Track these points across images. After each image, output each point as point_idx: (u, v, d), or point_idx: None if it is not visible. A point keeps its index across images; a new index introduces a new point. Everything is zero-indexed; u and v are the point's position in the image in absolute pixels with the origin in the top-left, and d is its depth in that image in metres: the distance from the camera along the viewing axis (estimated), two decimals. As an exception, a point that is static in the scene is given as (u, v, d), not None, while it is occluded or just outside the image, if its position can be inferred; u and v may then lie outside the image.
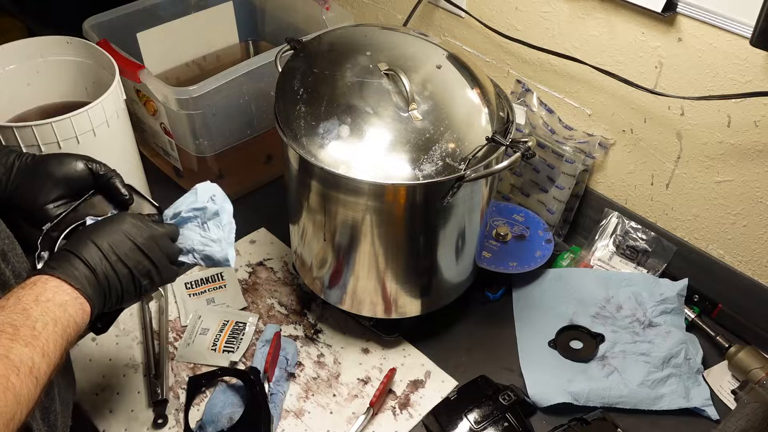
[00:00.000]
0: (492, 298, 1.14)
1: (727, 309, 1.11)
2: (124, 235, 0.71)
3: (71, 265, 0.67)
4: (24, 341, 0.58)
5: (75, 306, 0.65)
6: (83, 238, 0.70)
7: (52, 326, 0.61)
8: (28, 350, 0.58)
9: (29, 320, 0.60)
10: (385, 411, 0.99)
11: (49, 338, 0.60)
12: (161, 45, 1.35)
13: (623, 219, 1.19)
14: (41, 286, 0.64)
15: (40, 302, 0.62)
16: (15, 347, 0.57)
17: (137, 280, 0.72)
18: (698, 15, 0.94)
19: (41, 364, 0.58)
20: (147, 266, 0.73)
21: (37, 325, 0.60)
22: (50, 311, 0.62)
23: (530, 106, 1.21)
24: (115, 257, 0.70)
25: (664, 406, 0.99)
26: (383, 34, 1.01)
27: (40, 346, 0.59)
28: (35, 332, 0.59)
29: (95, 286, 0.68)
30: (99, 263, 0.69)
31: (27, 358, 0.57)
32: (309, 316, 1.12)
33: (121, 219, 0.73)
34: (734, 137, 0.99)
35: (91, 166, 0.80)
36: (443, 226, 0.94)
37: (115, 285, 0.70)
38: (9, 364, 0.55)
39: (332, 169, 0.85)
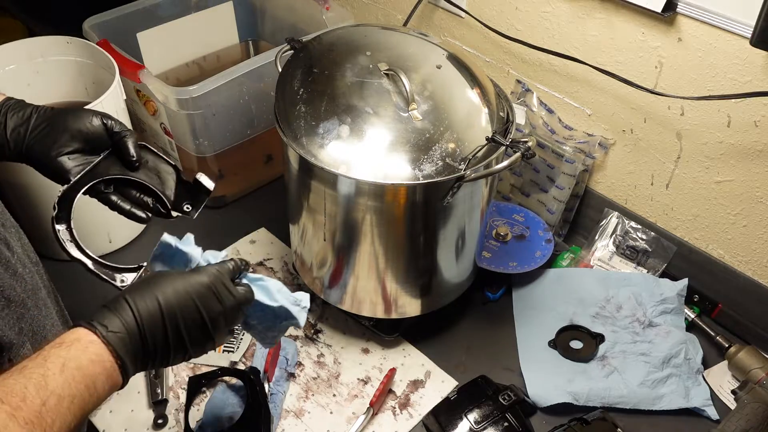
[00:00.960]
0: (492, 298, 1.14)
1: (727, 309, 1.11)
2: (195, 304, 0.64)
3: (122, 322, 0.61)
4: (24, 419, 0.52)
5: (106, 382, 0.59)
6: (148, 291, 0.63)
7: (68, 403, 0.55)
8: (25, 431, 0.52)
9: (43, 392, 0.54)
10: (385, 411, 0.99)
11: (57, 418, 0.54)
12: (161, 45, 1.35)
13: (623, 219, 1.19)
14: (78, 350, 0.58)
15: (66, 371, 0.56)
16: (10, 427, 0.51)
17: (188, 354, 0.66)
18: (698, 15, 0.94)
19: None
20: (204, 343, 0.66)
21: (50, 400, 0.54)
22: (73, 385, 0.56)
23: (530, 106, 1.21)
24: (174, 328, 0.63)
25: (664, 406, 0.99)
26: (383, 34, 1.01)
27: (43, 428, 0.53)
28: (43, 409, 0.53)
29: (139, 354, 0.61)
30: (153, 330, 0.61)
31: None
32: (309, 316, 1.12)
33: (198, 281, 0.65)
34: (734, 137, 0.99)
35: (106, 122, 0.78)
36: (443, 226, 0.94)
37: (162, 356, 0.63)
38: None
39: (332, 169, 0.85)
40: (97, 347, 0.59)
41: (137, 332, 0.61)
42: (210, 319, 0.65)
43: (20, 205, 1.12)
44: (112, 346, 0.59)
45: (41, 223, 1.12)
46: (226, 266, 0.69)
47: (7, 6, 1.69)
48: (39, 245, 1.16)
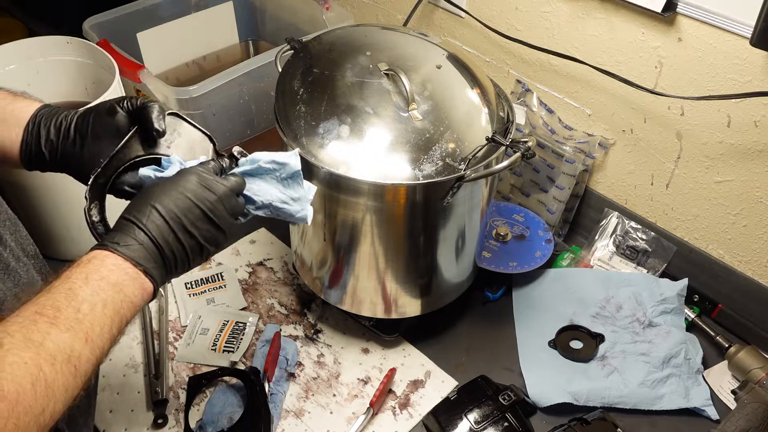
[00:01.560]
0: (492, 298, 1.14)
1: (727, 309, 1.11)
2: (191, 200, 0.65)
3: (133, 238, 0.62)
4: (65, 326, 0.54)
5: (134, 286, 0.61)
6: (145, 205, 0.64)
7: (101, 308, 0.57)
8: (68, 336, 0.54)
9: (75, 301, 0.56)
10: (385, 411, 0.99)
11: (95, 322, 0.56)
12: (161, 45, 1.35)
13: (623, 219, 1.19)
14: (97, 264, 0.60)
15: (91, 281, 0.58)
16: (53, 333, 0.53)
17: (205, 250, 0.67)
18: (698, 15, 0.94)
19: (83, 351, 0.55)
20: (215, 234, 0.68)
21: (83, 306, 0.56)
22: (101, 291, 0.58)
23: (530, 106, 1.22)
24: (181, 228, 0.65)
25: (664, 406, 0.99)
26: (383, 34, 1.01)
27: (84, 330, 0.55)
28: (79, 315, 0.55)
29: (159, 261, 0.63)
30: (165, 236, 0.63)
31: (65, 345, 0.53)
32: (309, 316, 1.12)
33: (186, 180, 0.67)
34: (734, 137, 0.99)
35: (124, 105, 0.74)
36: (443, 226, 0.94)
37: (182, 258, 0.65)
38: (43, 353, 0.52)
39: (332, 169, 0.85)
40: (114, 259, 0.60)
41: (150, 242, 0.63)
42: (209, 209, 0.66)
43: (20, 204, 1.12)
44: (129, 256, 0.61)
45: (41, 222, 1.12)
46: (207, 165, 0.70)
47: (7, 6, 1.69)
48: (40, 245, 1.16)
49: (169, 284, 1.15)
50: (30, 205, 1.10)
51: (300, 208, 0.76)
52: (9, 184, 1.10)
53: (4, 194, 1.12)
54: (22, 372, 0.50)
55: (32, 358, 0.51)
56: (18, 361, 0.50)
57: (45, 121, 0.74)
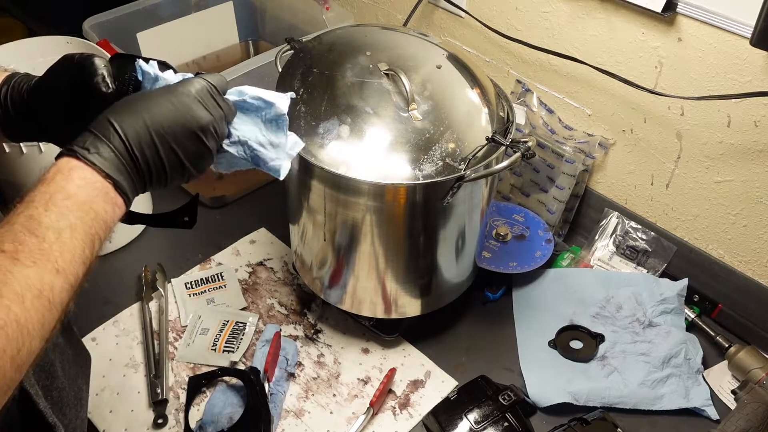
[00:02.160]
0: (492, 298, 1.14)
1: (727, 309, 1.11)
2: (184, 116, 0.60)
3: (108, 144, 0.56)
4: (29, 259, 0.50)
5: (104, 202, 0.56)
6: (131, 109, 0.59)
7: (69, 233, 0.53)
8: (34, 270, 0.50)
9: (39, 230, 0.51)
10: (385, 411, 0.99)
11: (64, 249, 0.52)
12: (161, 45, 1.35)
13: (623, 219, 1.19)
14: (61, 180, 0.54)
15: (55, 203, 0.53)
16: (16, 270, 0.49)
17: (187, 170, 0.62)
18: (698, 15, 0.94)
19: (55, 282, 0.51)
20: (201, 155, 0.63)
21: (48, 234, 0.51)
22: (69, 213, 0.53)
23: (530, 106, 1.21)
24: (165, 143, 0.59)
25: (664, 406, 0.99)
26: (383, 34, 1.01)
27: (52, 261, 0.51)
28: (44, 245, 0.51)
29: (134, 175, 0.58)
30: (143, 147, 0.58)
31: (33, 280, 0.50)
32: (309, 316, 1.12)
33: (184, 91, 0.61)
34: (734, 137, 0.99)
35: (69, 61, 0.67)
36: (443, 226, 0.94)
37: (159, 174, 0.60)
38: (9, 293, 0.48)
39: (332, 169, 0.85)
40: (81, 172, 0.55)
41: (125, 150, 0.57)
42: (200, 129, 0.61)
43: (20, 205, 1.12)
44: (98, 167, 0.56)
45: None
46: (216, 77, 0.65)
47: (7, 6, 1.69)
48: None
49: (169, 284, 1.15)
50: (30, 205, 1.10)
51: (276, 156, 0.70)
52: (9, 184, 1.10)
53: (3, 194, 1.13)
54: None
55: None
56: None
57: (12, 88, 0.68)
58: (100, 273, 1.16)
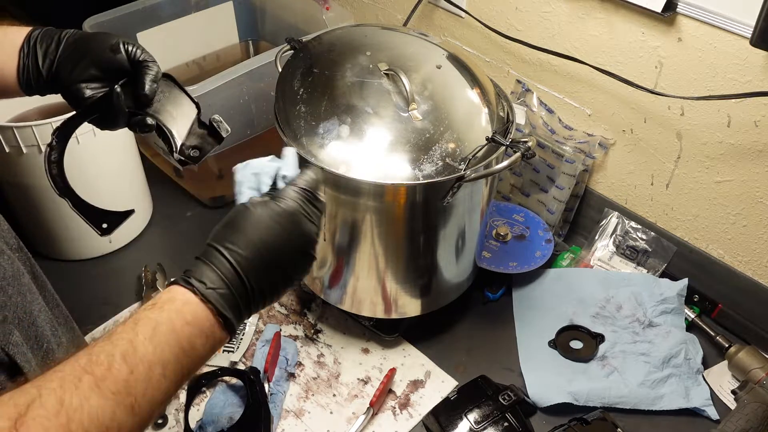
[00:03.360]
0: (492, 298, 1.14)
1: (727, 309, 1.11)
2: (294, 235, 0.60)
3: (222, 278, 0.56)
4: (111, 389, 0.48)
5: (206, 341, 0.54)
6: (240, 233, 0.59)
7: (160, 370, 0.51)
8: (110, 403, 0.47)
9: (132, 358, 0.49)
10: (385, 411, 0.99)
11: (149, 386, 0.50)
12: (161, 45, 1.34)
13: (623, 219, 1.19)
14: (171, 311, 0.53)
15: (158, 335, 0.51)
16: (93, 399, 0.47)
17: (294, 281, 0.64)
18: (698, 15, 0.94)
19: (125, 421, 0.48)
20: (307, 263, 0.63)
21: (138, 368, 0.49)
22: (167, 349, 0.51)
23: (530, 106, 1.21)
24: (277, 265, 0.59)
25: (664, 406, 0.99)
26: (383, 34, 1.01)
27: (133, 396, 0.49)
28: (131, 378, 0.49)
29: (245, 305, 0.58)
30: (258, 275, 0.58)
31: (105, 415, 0.47)
32: (309, 316, 1.12)
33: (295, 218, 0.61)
34: (734, 137, 0.99)
35: (128, 48, 0.72)
36: (443, 226, 0.94)
37: (272, 293, 0.61)
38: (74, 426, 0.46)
39: (332, 169, 0.85)
40: (193, 307, 0.54)
41: (238, 282, 0.57)
42: (309, 242, 0.62)
43: (20, 205, 1.12)
44: (212, 304, 0.55)
45: (41, 222, 1.12)
46: (305, 179, 0.65)
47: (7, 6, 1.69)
48: (40, 245, 1.17)
49: (169, 284, 1.15)
50: (30, 205, 1.10)
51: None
52: (9, 184, 1.10)
53: (3, 194, 1.13)
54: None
55: (59, 430, 0.45)
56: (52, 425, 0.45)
57: (41, 40, 0.73)
58: (100, 273, 1.17)
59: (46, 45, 0.73)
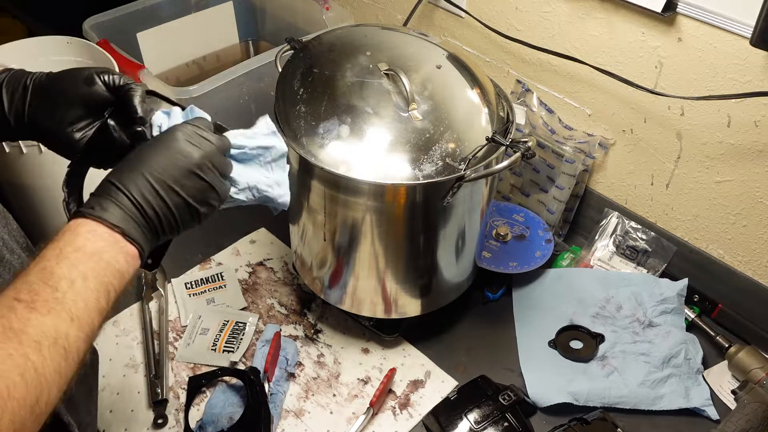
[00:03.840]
0: (492, 298, 1.14)
1: (727, 309, 1.11)
2: (175, 156, 0.62)
3: (112, 200, 0.59)
4: (44, 308, 0.51)
5: (114, 251, 0.57)
6: (128, 165, 0.61)
7: (81, 282, 0.54)
8: (49, 318, 0.51)
9: (51, 280, 0.53)
10: (385, 411, 0.99)
11: (78, 298, 0.53)
12: (161, 45, 1.35)
13: (623, 219, 1.19)
14: (70, 235, 0.56)
15: (66, 255, 0.54)
16: (33, 318, 0.50)
17: (193, 209, 0.63)
18: (698, 15, 0.94)
19: (70, 331, 0.52)
20: (205, 191, 0.64)
21: (61, 284, 0.53)
22: (79, 264, 0.54)
23: (530, 106, 1.21)
24: (164, 185, 0.61)
25: (664, 406, 0.99)
26: (383, 34, 1.01)
27: (66, 309, 0.52)
28: (58, 294, 0.52)
29: (142, 223, 0.60)
30: (144, 194, 0.60)
31: (49, 328, 0.50)
32: (309, 316, 1.12)
33: (172, 136, 0.63)
34: (734, 137, 0.99)
35: (105, 78, 0.69)
36: (443, 226, 0.94)
37: (168, 219, 0.62)
38: (27, 341, 0.49)
39: (332, 169, 0.85)
40: (87, 226, 0.57)
41: (129, 202, 0.59)
42: (195, 164, 0.62)
43: (20, 205, 1.12)
44: (104, 219, 0.57)
45: (41, 222, 1.12)
46: (197, 121, 0.67)
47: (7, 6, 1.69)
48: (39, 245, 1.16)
49: (169, 284, 1.15)
50: (30, 205, 1.10)
51: (283, 192, 0.72)
52: (9, 184, 1.10)
53: (3, 194, 1.13)
54: (8, 365, 0.48)
55: (16, 348, 0.49)
56: (2, 354, 0.48)
57: (8, 85, 0.69)
58: (100, 273, 1.16)
59: (12, 90, 0.69)
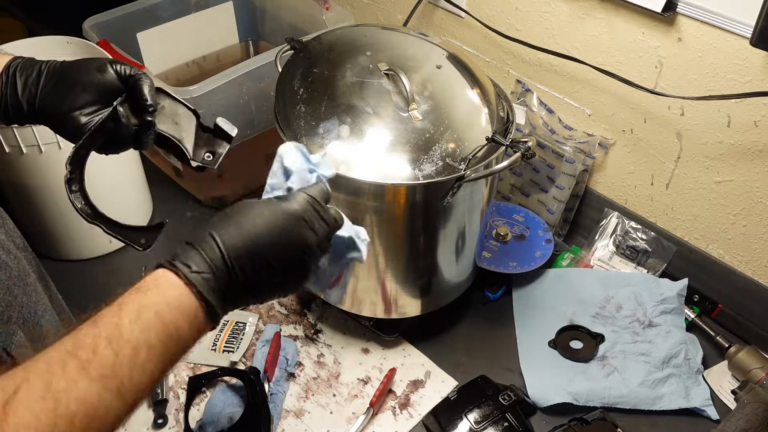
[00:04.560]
0: (492, 298, 1.14)
1: (727, 309, 1.11)
2: (289, 235, 0.59)
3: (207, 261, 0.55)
4: (97, 372, 0.48)
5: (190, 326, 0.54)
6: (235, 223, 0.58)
7: (146, 353, 0.51)
8: (97, 386, 0.48)
9: (118, 341, 0.50)
10: (385, 411, 0.99)
11: (135, 369, 0.50)
12: (161, 45, 1.35)
13: (623, 219, 1.19)
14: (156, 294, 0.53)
15: (143, 318, 0.52)
16: (80, 381, 0.47)
17: (286, 287, 0.62)
18: (698, 15, 0.94)
19: (112, 403, 0.49)
20: (303, 275, 0.62)
21: (125, 350, 0.50)
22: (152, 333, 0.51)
23: (530, 106, 1.21)
24: (266, 263, 0.57)
25: (664, 406, 0.99)
26: (383, 34, 1.01)
27: (119, 379, 0.49)
28: (117, 360, 0.49)
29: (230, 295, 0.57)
30: (245, 266, 0.57)
31: (92, 397, 0.47)
32: (309, 316, 1.12)
33: (290, 210, 0.60)
34: (734, 137, 0.99)
35: (117, 67, 0.70)
36: (443, 226, 0.94)
37: (257, 291, 0.59)
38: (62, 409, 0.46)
39: (332, 169, 0.85)
40: (177, 290, 0.54)
41: (224, 268, 0.56)
42: (306, 251, 0.60)
43: (20, 205, 1.12)
44: (195, 287, 0.54)
45: (41, 222, 1.12)
46: (317, 189, 0.63)
47: (7, 6, 1.69)
48: (40, 245, 1.17)
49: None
50: (30, 205, 1.10)
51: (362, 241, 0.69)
52: (9, 184, 1.10)
53: (3, 194, 1.13)
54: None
55: (47, 413, 0.45)
56: (28, 418, 0.45)
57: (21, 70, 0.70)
58: (100, 273, 1.17)
59: (26, 75, 0.70)
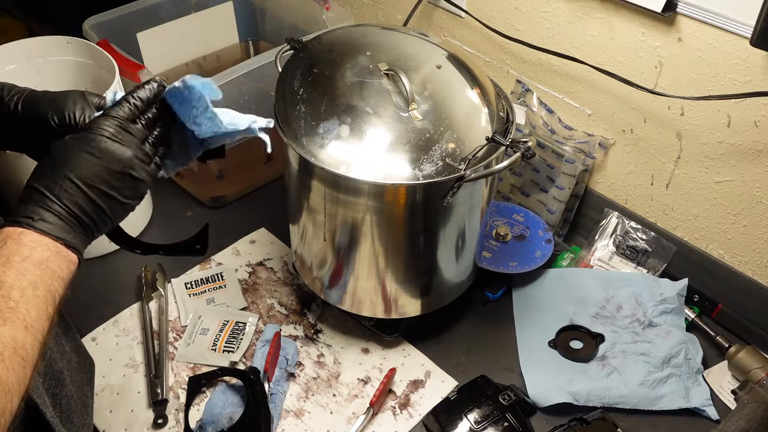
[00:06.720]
0: (492, 298, 1.14)
1: (727, 309, 1.11)
2: (104, 160, 0.61)
3: (47, 210, 0.58)
4: (1, 318, 0.51)
5: (59, 260, 0.58)
6: (56, 172, 0.60)
7: (32, 291, 0.54)
8: (6, 328, 0.51)
9: (3, 289, 0.53)
10: (385, 411, 0.99)
11: (30, 306, 0.54)
12: (161, 45, 1.35)
13: (623, 219, 1.19)
14: (14, 244, 0.56)
15: (13, 264, 0.55)
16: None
17: (128, 206, 0.64)
18: (698, 15, 0.94)
19: (26, 340, 0.52)
20: (137, 186, 0.64)
21: (13, 293, 0.53)
22: (27, 273, 0.55)
23: (530, 106, 1.22)
24: (100, 193, 0.61)
25: (664, 406, 0.99)
26: (383, 34, 1.01)
27: (20, 318, 0.52)
28: (11, 303, 0.53)
29: (80, 231, 0.60)
30: (82, 206, 0.60)
31: (7, 338, 0.51)
32: (309, 316, 1.12)
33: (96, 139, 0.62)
34: (734, 137, 0.99)
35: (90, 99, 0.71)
36: (443, 226, 0.94)
37: (104, 220, 0.62)
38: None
39: (332, 169, 0.85)
40: (30, 236, 0.57)
41: (67, 213, 0.59)
42: (127, 167, 0.62)
43: (20, 205, 1.12)
44: (44, 231, 0.57)
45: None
46: (119, 110, 0.65)
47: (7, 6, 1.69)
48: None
49: (169, 284, 1.15)
50: (30, 205, 1.10)
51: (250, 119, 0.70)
52: (9, 184, 1.10)
53: (3, 194, 1.13)
54: None
55: None
56: None
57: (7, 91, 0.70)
58: (100, 273, 1.17)
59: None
